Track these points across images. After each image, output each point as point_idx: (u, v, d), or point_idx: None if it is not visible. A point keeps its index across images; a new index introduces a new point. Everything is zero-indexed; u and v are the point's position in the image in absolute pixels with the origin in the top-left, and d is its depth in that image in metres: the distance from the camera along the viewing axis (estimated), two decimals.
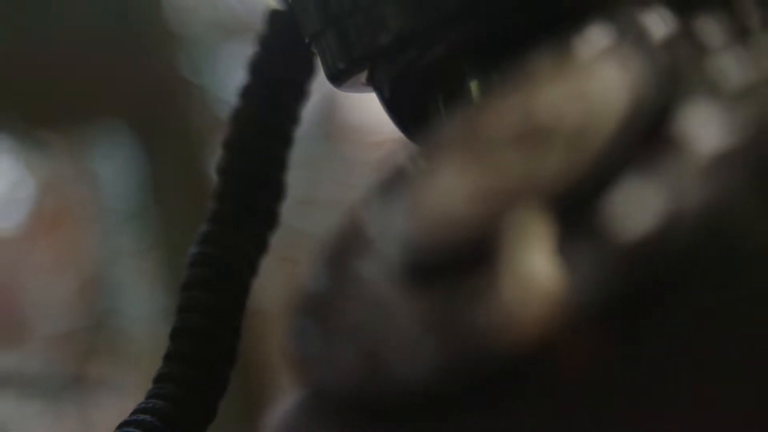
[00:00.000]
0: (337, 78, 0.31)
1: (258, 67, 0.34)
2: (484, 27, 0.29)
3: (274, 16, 0.34)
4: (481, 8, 0.28)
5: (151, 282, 1.24)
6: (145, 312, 1.22)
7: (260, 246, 0.33)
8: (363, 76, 0.31)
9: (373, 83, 0.31)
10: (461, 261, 0.18)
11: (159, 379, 0.32)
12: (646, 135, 0.19)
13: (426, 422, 0.18)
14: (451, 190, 0.20)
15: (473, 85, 0.29)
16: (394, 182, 0.23)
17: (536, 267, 0.17)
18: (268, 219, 0.33)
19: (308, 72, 0.34)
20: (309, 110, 0.34)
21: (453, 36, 0.29)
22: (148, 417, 0.31)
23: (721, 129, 0.19)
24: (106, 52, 1.11)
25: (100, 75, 1.12)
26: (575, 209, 0.18)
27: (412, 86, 0.30)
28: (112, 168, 1.29)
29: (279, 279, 0.97)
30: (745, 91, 0.19)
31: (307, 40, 0.31)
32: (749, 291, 0.17)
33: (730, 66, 0.20)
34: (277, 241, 0.35)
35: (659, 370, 0.17)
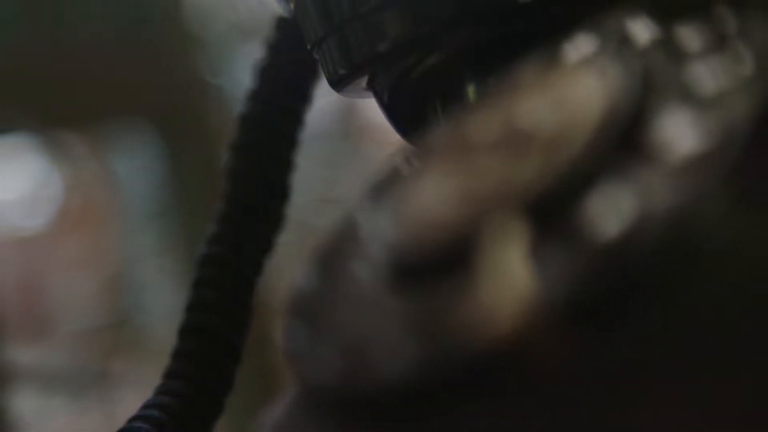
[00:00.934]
0: (338, 83, 0.31)
1: (264, 72, 0.35)
2: (480, 34, 0.29)
3: (280, 22, 0.35)
4: (477, 16, 0.29)
5: (173, 280, 1.25)
6: (166, 309, 1.22)
7: (265, 246, 0.34)
8: (363, 82, 0.31)
9: (373, 88, 0.31)
10: (442, 262, 0.19)
11: (167, 376, 0.33)
12: (621, 141, 0.19)
13: (406, 418, 0.18)
14: (434, 193, 0.20)
15: (470, 91, 0.30)
16: (387, 184, 0.23)
17: (510, 269, 0.18)
18: (274, 219, 0.34)
19: (313, 76, 0.35)
20: (329, 109, 0.35)
21: (450, 43, 0.29)
22: (155, 412, 0.31)
23: (693, 135, 0.19)
24: (128, 54, 1.12)
25: (122, 76, 1.13)
26: (550, 213, 0.19)
27: (410, 91, 0.31)
28: (134, 168, 1.30)
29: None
30: (718, 97, 0.20)
31: (309, 47, 0.32)
32: (716, 290, 0.18)
33: (706, 73, 0.20)
34: (296, 238, 0.35)
35: (628, 368, 0.17)
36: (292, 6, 0.33)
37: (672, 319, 0.18)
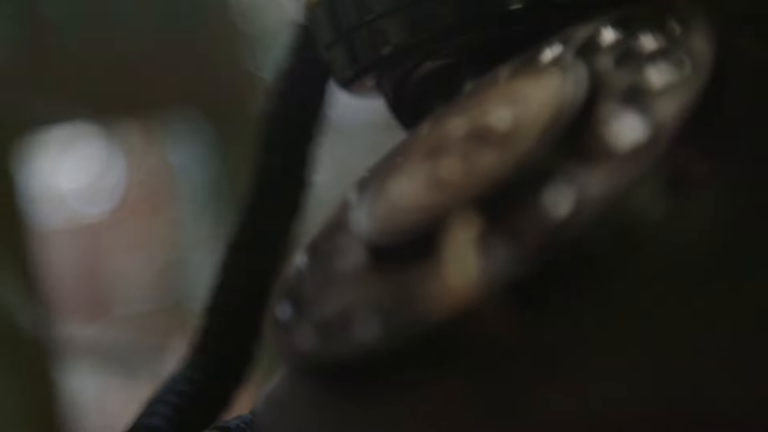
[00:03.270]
0: (346, 84, 0.33)
1: (284, 74, 0.37)
2: (475, 39, 0.31)
3: (299, 28, 0.37)
4: (471, 23, 0.31)
5: None
6: None
7: (283, 234, 0.36)
8: (370, 82, 0.33)
9: (379, 88, 0.33)
10: (410, 244, 0.21)
11: (194, 351, 0.35)
12: (568, 135, 0.21)
13: (375, 379, 0.20)
14: (407, 181, 0.23)
15: (466, 89, 0.32)
16: (374, 174, 0.26)
17: (460, 253, 0.20)
18: (292, 208, 0.36)
19: (328, 77, 0.37)
20: (372, 100, 0.37)
21: (447, 48, 0.31)
22: (182, 386, 0.34)
23: (631, 130, 0.21)
24: (180, 49, 1.15)
25: (175, 69, 1.16)
26: (501, 200, 0.21)
27: (412, 91, 0.33)
28: (189, 157, 1.32)
29: None
30: (655, 97, 0.22)
31: (321, 50, 0.34)
32: (645, 268, 0.20)
33: (649, 77, 0.22)
34: None
35: (558, 341, 0.19)
36: (307, 13, 0.35)
37: (602, 297, 0.20)
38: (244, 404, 0.36)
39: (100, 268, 1.56)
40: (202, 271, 1.38)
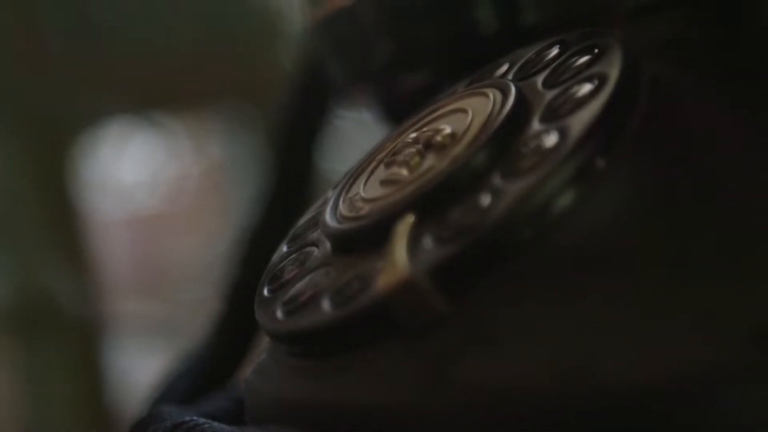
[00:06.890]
0: (341, 93, 0.37)
1: (294, 87, 0.41)
2: (453, 57, 0.34)
3: (308, 43, 0.41)
4: (453, 42, 0.34)
5: None
6: None
7: (287, 226, 0.40)
8: (364, 93, 0.37)
9: (372, 98, 0.37)
10: (364, 236, 0.25)
11: (216, 331, 0.39)
12: (498, 142, 0.25)
13: (331, 347, 0.24)
14: (365, 179, 0.26)
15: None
16: (349, 172, 0.29)
17: (400, 241, 0.24)
18: (295, 204, 0.40)
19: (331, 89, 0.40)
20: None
21: (433, 62, 0.34)
22: (199, 359, 0.38)
23: (551, 135, 0.25)
24: (233, 47, 1.18)
25: (230, 66, 1.19)
26: (437, 195, 0.24)
27: (401, 101, 0.36)
28: (242, 150, 1.36)
29: None
30: (573, 106, 0.25)
31: (322, 63, 0.37)
32: (553, 248, 0.23)
33: (571, 90, 0.26)
34: None
35: (477, 314, 0.22)
36: (312, 28, 0.39)
37: (517, 276, 0.22)
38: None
39: (157, 257, 1.60)
40: None
